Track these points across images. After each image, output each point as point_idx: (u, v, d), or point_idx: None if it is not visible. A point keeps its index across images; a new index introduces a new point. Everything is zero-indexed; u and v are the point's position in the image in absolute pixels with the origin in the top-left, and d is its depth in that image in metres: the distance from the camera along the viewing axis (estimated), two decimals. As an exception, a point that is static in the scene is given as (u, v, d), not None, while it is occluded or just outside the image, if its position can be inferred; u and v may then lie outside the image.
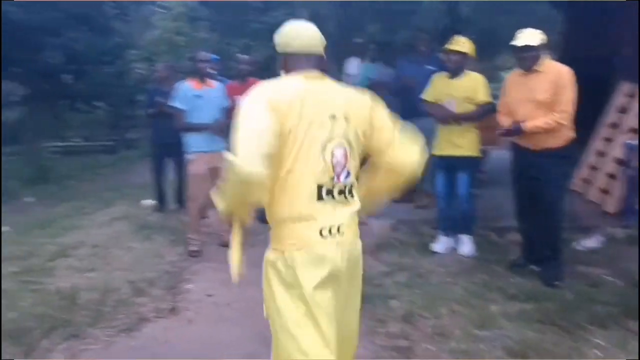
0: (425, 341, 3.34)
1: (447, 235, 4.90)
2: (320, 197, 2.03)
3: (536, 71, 3.94)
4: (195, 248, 5.18)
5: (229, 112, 5.24)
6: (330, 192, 2.05)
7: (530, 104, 3.95)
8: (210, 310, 3.99)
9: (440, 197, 4.87)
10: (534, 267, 4.24)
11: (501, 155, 5.54)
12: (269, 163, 1.88)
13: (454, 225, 4.86)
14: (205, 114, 5.05)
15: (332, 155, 2.03)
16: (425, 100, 4.80)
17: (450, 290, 4.00)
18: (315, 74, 2.11)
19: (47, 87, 11.25)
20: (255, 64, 6.02)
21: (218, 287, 4.36)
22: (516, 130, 4.01)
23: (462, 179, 4.71)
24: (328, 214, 2.04)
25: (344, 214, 2.08)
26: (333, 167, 2.04)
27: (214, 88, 5.23)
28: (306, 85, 2.06)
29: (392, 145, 2.16)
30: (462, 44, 4.60)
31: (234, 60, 6.12)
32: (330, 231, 2.04)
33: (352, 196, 2.13)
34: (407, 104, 5.16)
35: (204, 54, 5.29)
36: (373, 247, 4.86)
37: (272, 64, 2.35)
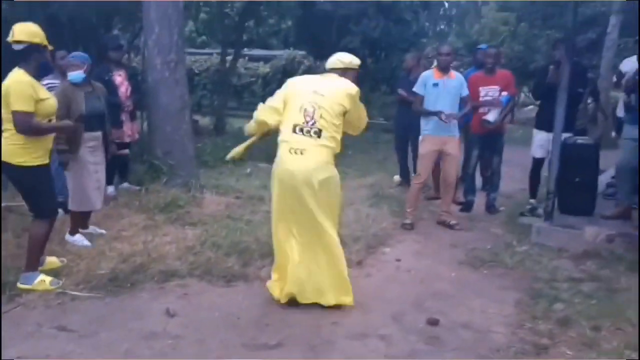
0: (568, 347, 3.28)
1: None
2: (294, 131, 3.60)
3: None
4: (408, 221, 5.70)
5: (466, 101, 5.61)
6: (301, 130, 3.59)
7: None
8: (390, 271, 4.53)
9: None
10: None
11: None
12: (277, 112, 3.79)
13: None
14: (441, 102, 5.48)
15: (305, 110, 3.60)
16: None
17: (633, 310, 3.69)
18: (328, 74, 3.85)
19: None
20: (499, 58, 6.13)
21: (409, 256, 4.88)
22: None
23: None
24: (296, 141, 3.58)
25: (306, 143, 3.56)
26: (304, 117, 3.58)
27: (453, 79, 5.59)
28: (316, 78, 3.88)
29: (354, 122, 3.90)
30: None
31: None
32: (295, 152, 3.54)
33: (318, 136, 3.57)
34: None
35: (445, 48, 5.67)
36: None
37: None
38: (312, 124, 3.58)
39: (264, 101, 14.25)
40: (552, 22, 16.31)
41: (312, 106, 3.59)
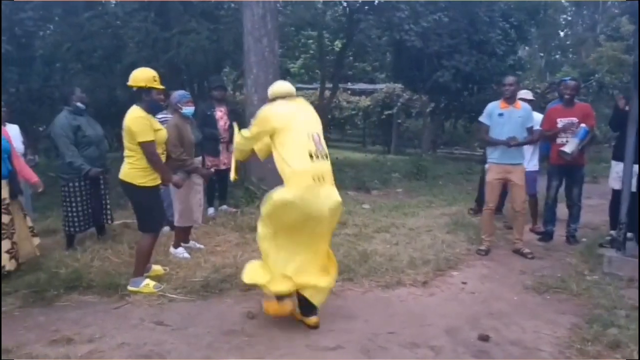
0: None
1: None
2: (312, 158, 3.67)
3: None
4: (483, 247, 5.90)
5: (531, 131, 5.75)
6: (317, 156, 3.70)
7: None
8: (454, 292, 4.79)
9: None
10: None
11: None
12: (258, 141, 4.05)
13: None
14: (506, 131, 5.68)
15: (312, 136, 3.76)
16: None
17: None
18: (293, 99, 4.01)
19: (444, 103, 13.22)
20: (579, 89, 6.21)
21: (475, 280, 5.11)
22: None
23: None
24: (316, 168, 3.67)
25: (324, 168, 3.73)
26: (314, 143, 3.73)
27: (519, 109, 5.74)
28: (293, 105, 3.94)
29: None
30: None
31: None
32: (318, 179, 3.64)
33: (327, 159, 3.80)
34: None
35: (509, 79, 5.85)
36: None
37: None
38: (321, 149, 3.77)
39: (365, 133, 15.29)
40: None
41: (315, 132, 3.80)
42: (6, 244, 4.72)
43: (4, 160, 4.77)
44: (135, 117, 4.44)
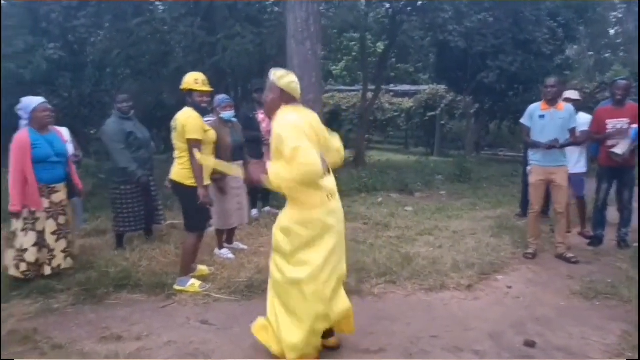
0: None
1: None
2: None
3: None
4: (530, 251, 5.77)
5: (574, 132, 5.60)
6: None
7: None
8: (499, 296, 4.71)
9: None
10: None
11: None
12: None
13: None
14: (547, 133, 5.56)
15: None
16: None
17: None
18: (300, 106, 3.41)
19: (489, 103, 13.00)
20: (630, 90, 6.01)
21: (520, 284, 5.01)
22: None
23: None
24: (327, 184, 3.33)
25: (332, 184, 3.39)
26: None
27: (561, 110, 5.59)
28: (300, 114, 3.29)
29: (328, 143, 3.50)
30: None
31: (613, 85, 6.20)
32: (330, 197, 3.32)
33: (330, 174, 3.44)
34: None
35: (550, 80, 5.71)
36: None
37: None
38: (325, 164, 3.36)
39: (407, 135, 15.07)
40: None
41: (319, 145, 3.33)
42: (62, 244, 4.95)
43: (61, 164, 4.97)
44: (188, 117, 4.62)
